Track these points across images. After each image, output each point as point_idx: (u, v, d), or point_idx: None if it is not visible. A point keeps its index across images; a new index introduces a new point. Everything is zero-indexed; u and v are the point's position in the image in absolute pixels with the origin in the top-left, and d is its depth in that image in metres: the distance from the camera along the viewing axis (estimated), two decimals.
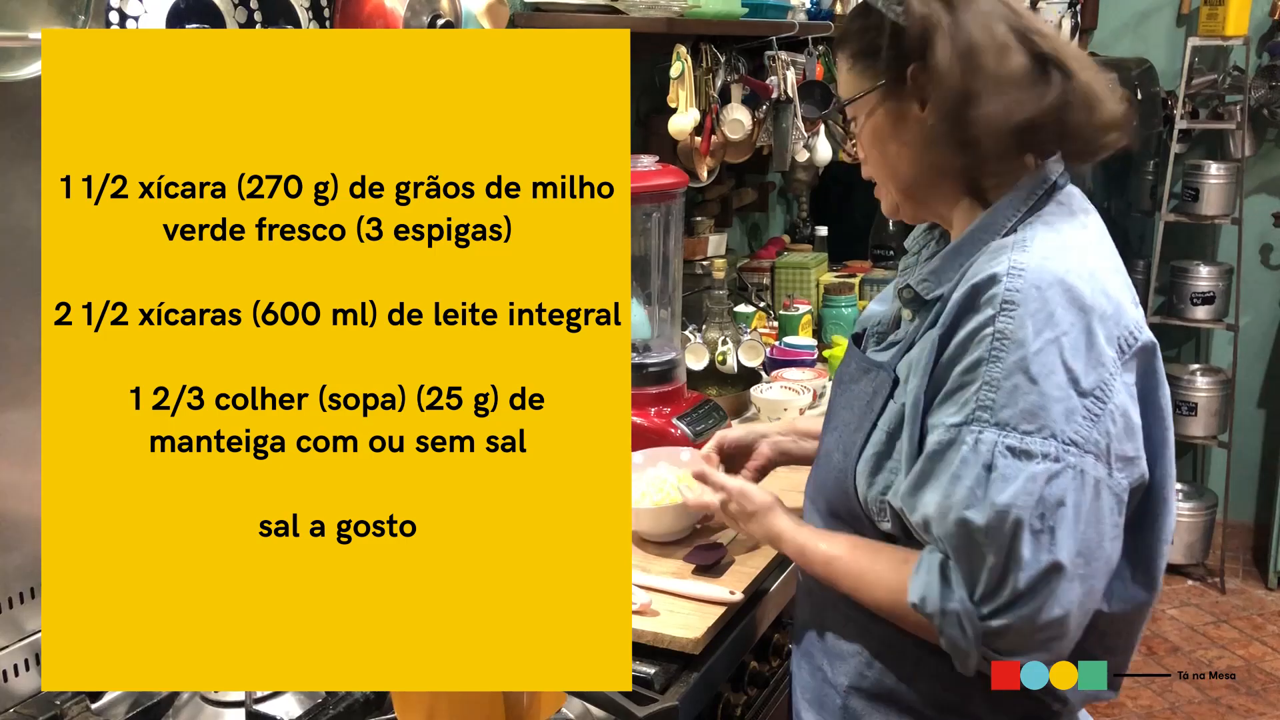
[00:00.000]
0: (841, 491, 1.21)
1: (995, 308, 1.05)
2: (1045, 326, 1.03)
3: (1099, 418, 1.04)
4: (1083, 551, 1.04)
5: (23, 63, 1.24)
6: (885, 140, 1.19)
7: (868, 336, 1.31)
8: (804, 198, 3.40)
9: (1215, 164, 3.75)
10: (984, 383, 1.05)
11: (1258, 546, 3.98)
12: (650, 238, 1.95)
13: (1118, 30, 3.93)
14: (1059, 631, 1.05)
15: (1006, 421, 1.03)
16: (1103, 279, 1.08)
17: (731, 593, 1.44)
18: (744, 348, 2.31)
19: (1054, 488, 1.02)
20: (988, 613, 1.04)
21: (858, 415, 1.21)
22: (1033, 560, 1.02)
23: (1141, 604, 1.16)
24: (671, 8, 2.12)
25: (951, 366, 1.08)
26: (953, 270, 1.15)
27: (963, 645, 1.06)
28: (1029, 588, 1.02)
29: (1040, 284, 1.04)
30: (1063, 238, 1.10)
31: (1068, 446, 1.02)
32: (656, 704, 1.04)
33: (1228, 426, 3.86)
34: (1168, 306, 3.91)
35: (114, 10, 1.31)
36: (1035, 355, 1.03)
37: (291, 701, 1.30)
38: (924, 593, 1.07)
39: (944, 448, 1.07)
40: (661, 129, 2.35)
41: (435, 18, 1.72)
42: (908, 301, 1.21)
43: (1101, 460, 1.04)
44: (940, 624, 1.06)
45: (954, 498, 1.04)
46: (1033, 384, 1.02)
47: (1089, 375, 1.04)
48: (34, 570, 1.31)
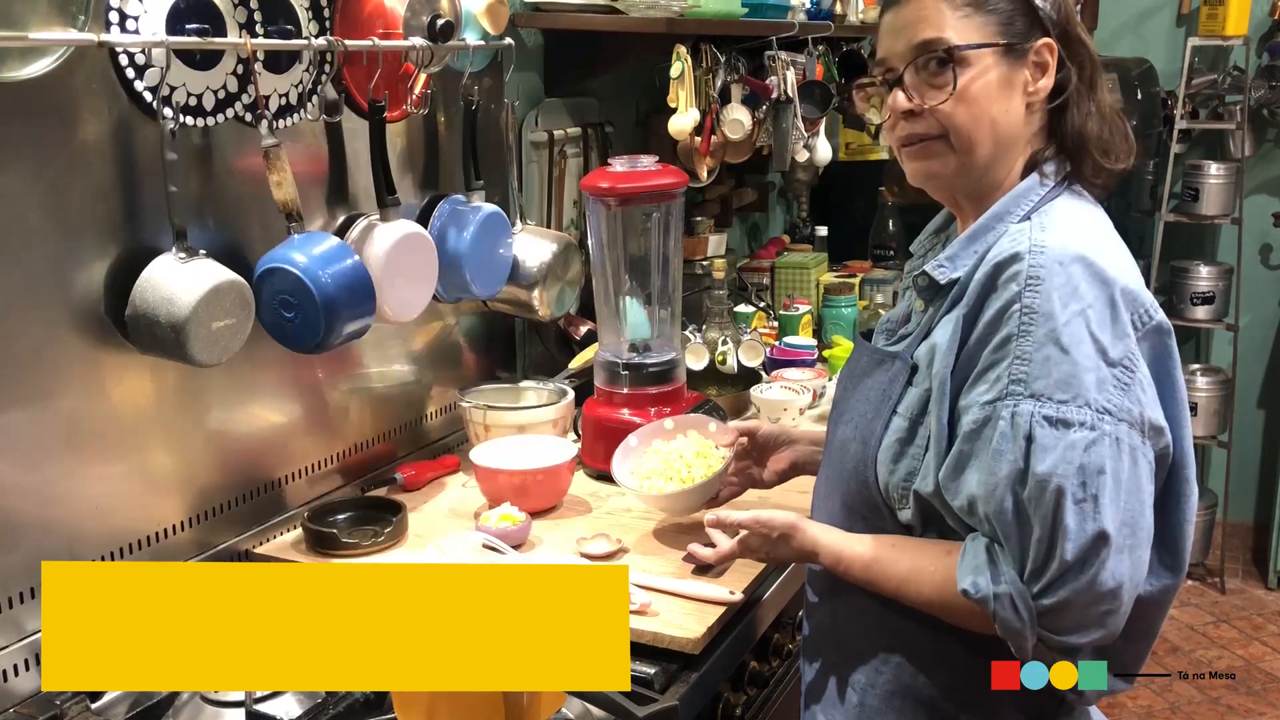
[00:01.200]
0: (860, 483, 1.21)
1: (1020, 284, 1.07)
2: (1071, 299, 1.05)
3: (1129, 386, 1.06)
4: (1127, 521, 1.04)
5: (23, 63, 1.24)
6: (993, 98, 1.14)
7: (878, 333, 1.32)
8: (804, 198, 3.40)
9: (1215, 164, 3.75)
10: (1016, 357, 1.06)
11: (1258, 546, 3.98)
12: (650, 238, 1.95)
13: (1118, 30, 3.93)
14: (1113, 605, 1.05)
15: (1041, 392, 1.04)
16: (1120, 259, 1.11)
17: (731, 593, 1.44)
18: (744, 348, 2.31)
19: (1093, 455, 1.03)
20: (1040, 589, 1.04)
21: (875, 405, 1.21)
22: (1078, 530, 1.02)
23: (1168, 587, 1.16)
24: (671, 8, 2.12)
25: (981, 346, 1.10)
26: (968, 255, 1.16)
27: (1017, 626, 1.06)
28: (1078, 558, 1.02)
29: (1063, 259, 1.06)
30: (1080, 219, 1.13)
31: (1102, 415, 1.04)
32: (656, 704, 1.04)
33: (1228, 426, 3.86)
34: (1168, 306, 3.90)
35: (114, 10, 1.31)
36: (1064, 326, 1.04)
37: (291, 702, 1.30)
38: (973, 577, 1.07)
39: (981, 425, 1.08)
40: (661, 129, 2.35)
41: (435, 17, 1.72)
42: (922, 289, 1.21)
43: (1135, 428, 1.06)
44: (994, 608, 1.06)
45: (999, 474, 1.05)
46: (1064, 354, 1.04)
47: (1116, 346, 1.06)
48: (34, 570, 1.31)
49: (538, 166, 2.27)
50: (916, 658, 1.20)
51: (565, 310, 2.12)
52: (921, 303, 1.22)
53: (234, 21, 1.46)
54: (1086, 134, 1.17)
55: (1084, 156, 1.17)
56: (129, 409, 1.43)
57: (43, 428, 1.32)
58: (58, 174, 1.31)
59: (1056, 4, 1.16)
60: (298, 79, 1.58)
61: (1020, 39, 1.14)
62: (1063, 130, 1.18)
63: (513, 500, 1.66)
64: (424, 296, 1.75)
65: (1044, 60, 1.15)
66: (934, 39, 1.14)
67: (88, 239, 1.35)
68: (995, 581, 1.06)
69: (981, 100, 1.14)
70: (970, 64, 1.13)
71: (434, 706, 1.11)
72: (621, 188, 1.85)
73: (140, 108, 1.37)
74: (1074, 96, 1.17)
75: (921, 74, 1.15)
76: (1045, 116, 1.18)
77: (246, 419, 1.62)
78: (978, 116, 1.15)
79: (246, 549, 1.61)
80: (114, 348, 1.39)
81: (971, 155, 1.16)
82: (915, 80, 1.15)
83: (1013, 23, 1.14)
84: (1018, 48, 1.14)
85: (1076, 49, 1.17)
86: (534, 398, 2.01)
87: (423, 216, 1.86)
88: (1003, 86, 1.14)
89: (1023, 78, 1.15)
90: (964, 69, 1.13)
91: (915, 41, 1.15)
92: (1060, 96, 1.17)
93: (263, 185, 1.49)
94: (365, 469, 1.87)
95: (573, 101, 2.38)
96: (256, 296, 1.46)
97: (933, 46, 1.14)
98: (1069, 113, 1.17)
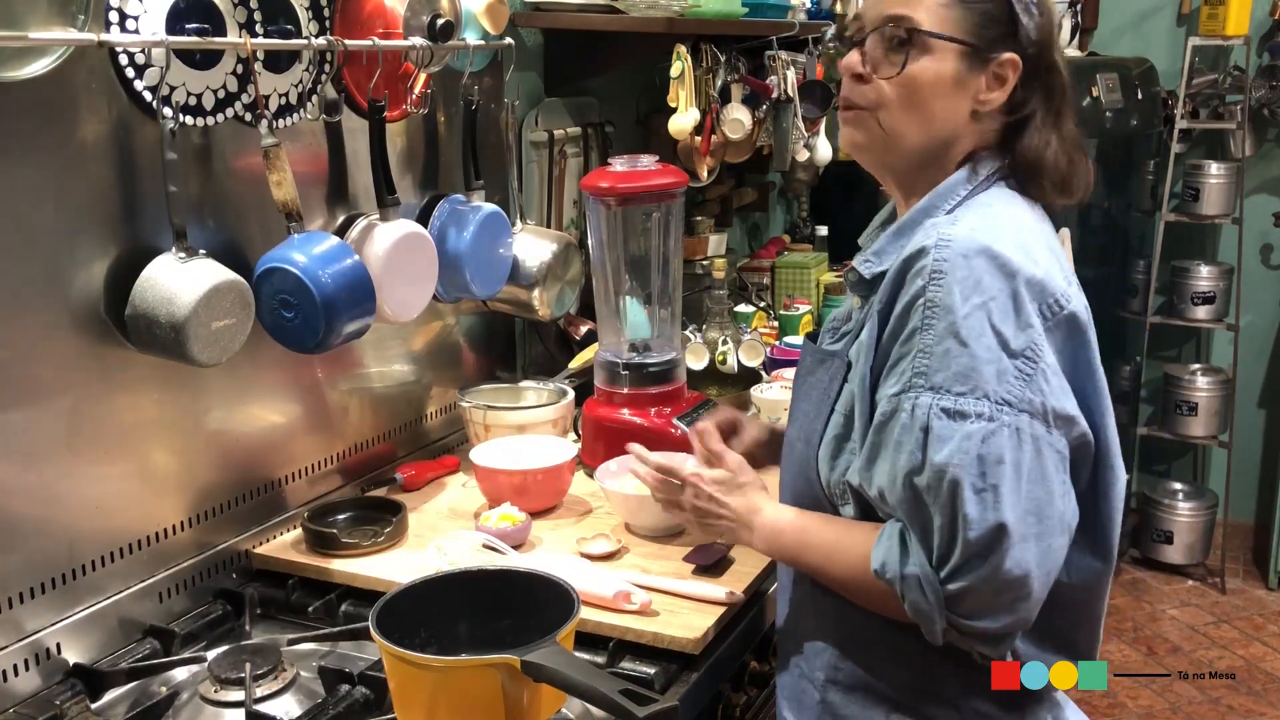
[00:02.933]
0: (806, 480, 1.23)
1: (925, 278, 1.08)
2: (973, 292, 1.06)
3: (1031, 377, 1.06)
4: (1031, 510, 1.05)
5: (23, 63, 1.23)
6: (937, 93, 1.15)
7: (824, 332, 1.33)
8: (804, 198, 3.40)
9: (1215, 164, 3.75)
10: (918, 351, 1.08)
11: (1258, 546, 3.98)
12: (650, 238, 1.95)
13: (1118, 30, 3.93)
14: (1020, 592, 1.06)
15: (940, 385, 1.06)
16: (1032, 251, 1.11)
17: (731, 593, 1.44)
18: (744, 348, 2.31)
19: (991, 446, 1.04)
20: (946, 575, 1.07)
21: (816, 404, 1.23)
22: (979, 518, 1.04)
23: (1099, 573, 1.18)
24: (671, 8, 2.12)
25: (892, 340, 1.12)
26: (894, 249, 1.17)
27: (925, 609, 1.08)
28: (981, 546, 1.04)
29: (966, 252, 1.07)
30: (994, 212, 1.13)
31: (1001, 406, 1.05)
32: (656, 704, 1.04)
33: (1228, 426, 3.86)
34: (1168, 306, 3.91)
35: (114, 10, 1.31)
36: (964, 320, 1.05)
37: (291, 702, 1.30)
38: (884, 558, 1.10)
39: (886, 418, 1.10)
40: (661, 129, 2.35)
41: (435, 17, 1.72)
42: (853, 285, 1.23)
43: (1038, 418, 1.06)
44: (901, 589, 1.09)
45: (899, 464, 1.08)
46: (963, 347, 1.05)
47: (1018, 337, 1.06)
48: (34, 570, 1.31)
49: (538, 166, 2.27)
50: (873, 653, 1.21)
51: (565, 310, 2.12)
52: (859, 300, 1.24)
53: (234, 21, 1.46)
54: (1043, 161, 1.17)
55: (1034, 181, 1.18)
56: (129, 409, 1.43)
57: (43, 428, 1.32)
58: (58, 174, 1.31)
59: (1041, 25, 1.16)
60: (298, 79, 1.58)
61: (988, 46, 1.14)
62: (1017, 149, 1.17)
63: (513, 500, 1.66)
64: (424, 296, 1.75)
65: (1004, 74, 1.15)
66: (903, 15, 1.14)
67: (87, 239, 1.35)
68: (903, 564, 1.09)
69: (925, 90, 1.14)
70: (929, 51, 1.13)
71: (434, 706, 1.11)
72: (621, 187, 1.85)
73: (140, 107, 1.37)
74: (1033, 119, 1.16)
75: (881, 43, 1.15)
76: (999, 131, 1.18)
77: (246, 419, 1.62)
78: (915, 105, 1.15)
79: (246, 549, 1.61)
80: (114, 348, 1.39)
81: (897, 138, 1.17)
82: (875, 47, 1.16)
83: (988, 27, 1.14)
84: (981, 54, 1.14)
85: (1048, 75, 1.17)
86: (534, 398, 2.01)
87: (423, 216, 1.86)
88: (954, 84, 1.14)
89: (977, 84, 1.15)
90: (922, 55, 1.13)
91: (886, 12, 1.15)
92: (1018, 115, 1.16)
93: (263, 185, 1.49)
94: (365, 469, 1.87)
95: (573, 101, 2.38)
96: (256, 296, 1.46)
97: (900, 22, 1.14)
98: (1026, 134, 1.17)
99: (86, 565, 1.38)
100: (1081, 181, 1.20)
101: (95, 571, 1.39)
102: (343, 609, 1.51)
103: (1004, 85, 1.15)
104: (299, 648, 1.41)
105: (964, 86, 1.15)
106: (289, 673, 1.35)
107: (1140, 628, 3.56)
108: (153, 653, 1.41)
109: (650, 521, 1.62)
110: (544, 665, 1.06)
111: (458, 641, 1.22)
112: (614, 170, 1.88)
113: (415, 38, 1.71)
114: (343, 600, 1.52)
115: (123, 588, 1.42)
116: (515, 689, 1.08)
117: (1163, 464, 4.17)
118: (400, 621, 1.15)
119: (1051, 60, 1.17)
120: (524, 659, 1.06)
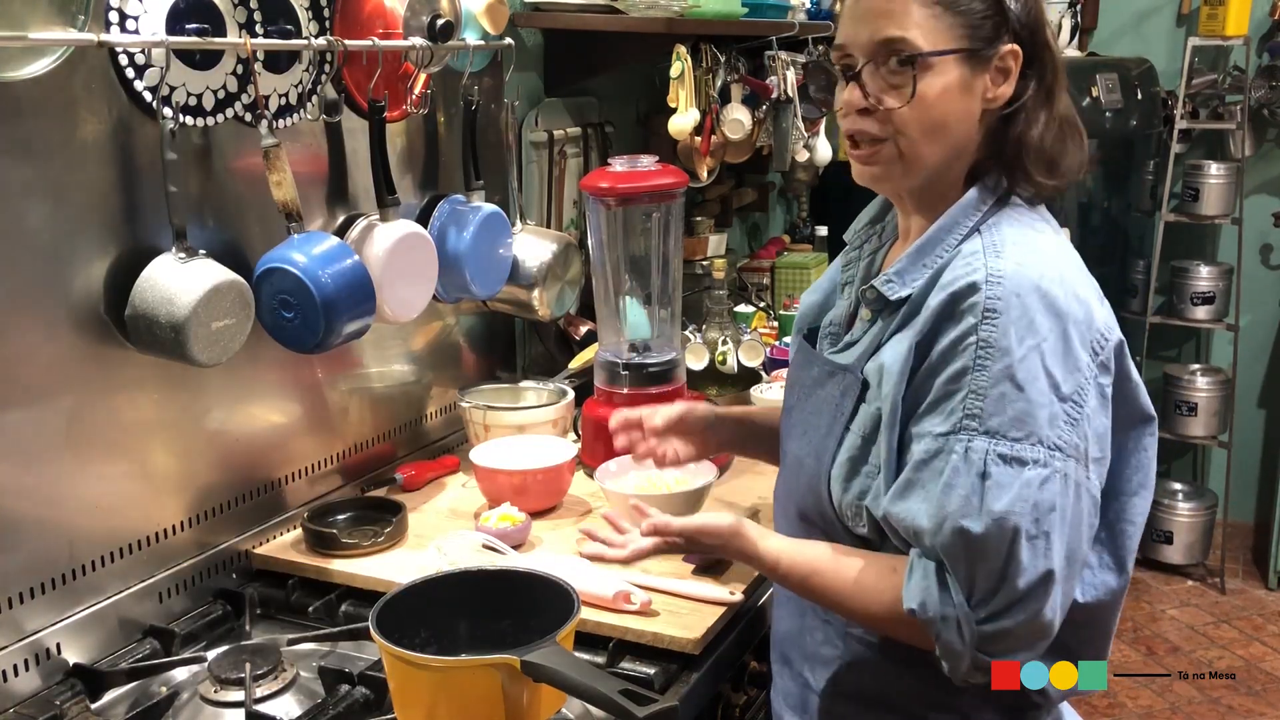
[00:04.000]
0: (815, 497, 1.20)
1: (977, 316, 1.05)
2: (1027, 334, 1.04)
3: (1078, 422, 1.05)
4: (1069, 556, 1.05)
5: (23, 63, 1.23)
6: (949, 106, 1.11)
7: (821, 336, 1.29)
8: (804, 198, 3.39)
9: (1215, 164, 3.75)
10: (970, 391, 1.05)
11: (1258, 546, 3.98)
12: (650, 238, 1.95)
13: (1118, 30, 3.93)
14: (1048, 633, 1.07)
15: (996, 429, 1.03)
16: (1072, 282, 1.09)
17: (731, 593, 1.44)
18: (744, 348, 2.31)
19: (1046, 493, 1.03)
20: (985, 616, 1.04)
21: (828, 420, 1.19)
22: (1030, 566, 1.02)
23: (1115, 590, 1.17)
24: (671, 8, 2.12)
25: (933, 375, 1.08)
26: (916, 270, 1.14)
27: (958, 649, 1.06)
28: (1027, 592, 1.03)
29: (1020, 291, 1.05)
30: (1031, 241, 1.11)
31: (1053, 451, 1.03)
32: (656, 704, 1.04)
33: (1228, 426, 3.85)
34: (1168, 306, 3.91)
35: (114, 10, 1.31)
36: (1020, 362, 1.03)
37: (291, 702, 1.30)
38: (922, 598, 1.06)
39: (931, 456, 1.06)
40: (661, 129, 2.35)
41: (435, 17, 1.72)
42: (870, 302, 1.19)
43: (1081, 463, 1.06)
44: (939, 630, 1.06)
45: (949, 507, 1.04)
46: (1019, 391, 1.03)
47: (1068, 381, 1.05)
48: (34, 570, 1.31)
49: (538, 166, 2.27)
50: (881, 661, 1.20)
51: (565, 310, 2.12)
52: (869, 312, 1.20)
53: (234, 21, 1.46)
54: (1028, 143, 1.13)
55: (1020, 167, 1.14)
56: (129, 409, 1.43)
57: (43, 428, 1.32)
58: (58, 174, 1.31)
59: (1028, 6, 1.13)
60: (298, 79, 1.58)
61: (986, 44, 1.11)
62: (1005, 137, 1.14)
63: (513, 500, 1.66)
64: (424, 296, 1.75)
65: (1007, 66, 1.12)
66: (899, 39, 1.09)
67: (88, 239, 1.35)
68: (944, 604, 1.05)
69: (939, 106, 1.10)
70: (933, 69, 1.09)
71: (434, 706, 1.11)
72: (621, 188, 1.85)
73: (140, 108, 1.37)
74: (1029, 104, 1.13)
75: (881, 71, 1.11)
76: (997, 122, 1.14)
77: (246, 419, 1.62)
78: (933, 122, 1.11)
79: (246, 549, 1.61)
80: (114, 348, 1.39)
81: (919, 161, 1.13)
82: (873, 77, 1.11)
83: (981, 26, 1.10)
84: (983, 53, 1.11)
85: (1042, 54, 1.14)
86: (534, 398, 2.01)
87: (423, 216, 1.86)
88: (962, 92, 1.11)
89: (983, 84, 1.11)
90: (925, 74, 1.09)
91: (879, 38, 1.10)
92: (1016, 103, 1.13)
93: (262, 185, 1.49)
94: (365, 469, 1.87)
95: (573, 101, 2.38)
96: (256, 296, 1.46)
97: (897, 47, 1.09)
98: (1016, 120, 1.13)
99: (86, 565, 1.38)
100: (1074, 162, 1.16)
101: (95, 571, 1.39)
102: (343, 609, 1.51)
103: (1009, 77, 1.12)
104: (299, 648, 1.41)
105: (971, 91, 1.11)
106: (289, 673, 1.35)
107: (1140, 628, 3.56)
108: (153, 653, 1.41)
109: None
110: (544, 665, 1.06)
111: (458, 641, 1.22)
112: (614, 170, 1.88)
113: (415, 38, 1.71)
114: (343, 600, 1.52)
115: (123, 588, 1.42)
116: (515, 689, 1.08)
117: (1162, 464, 4.15)
118: (400, 621, 1.15)
119: (1045, 39, 1.15)
120: (524, 659, 1.06)
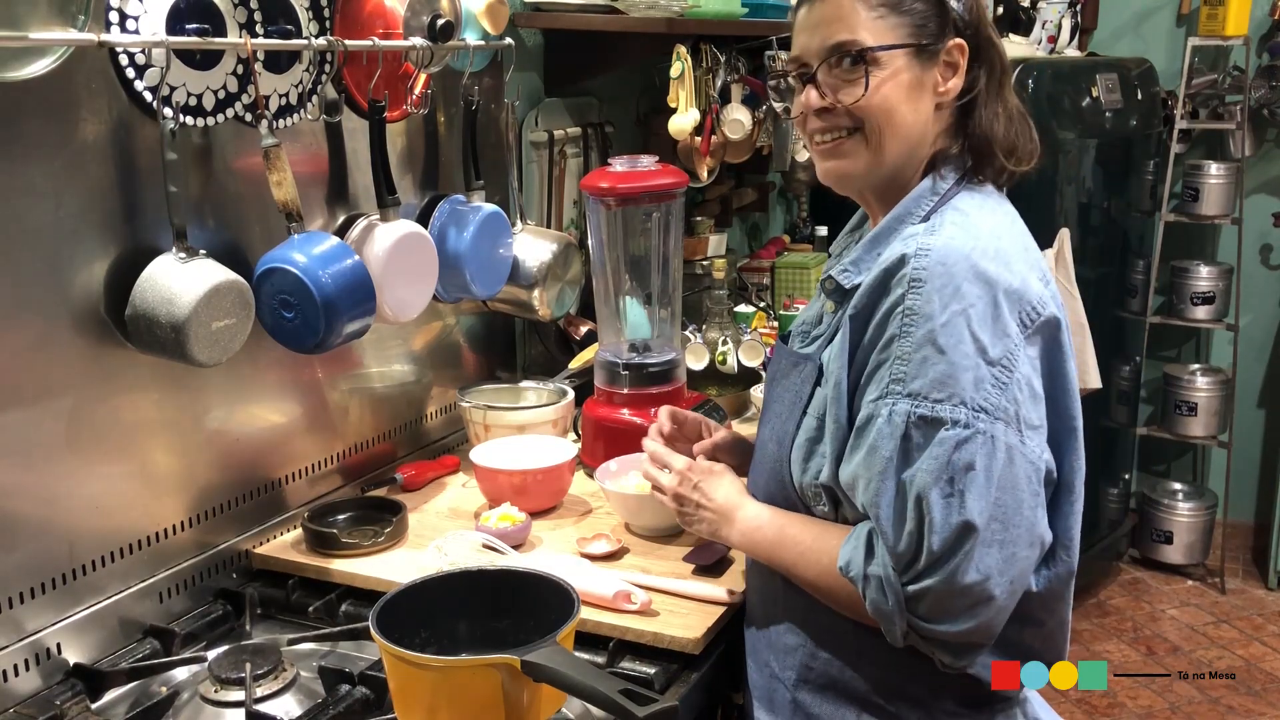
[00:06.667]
0: (778, 481, 1.25)
1: (904, 286, 1.10)
2: (952, 300, 1.07)
3: (1007, 386, 1.07)
4: (998, 516, 1.06)
5: (23, 63, 1.23)
6: (903, 100, 1.17)
7: (793, 335, 1.34)
8: (804, 198, 3.39)
9: (1215, 164, 3.75)
10: (896, 357, 1.10)
11: (1258, 546, 3.98)
12: (650, 238, 1.95)
13: (1118, 30, 3.93)
14: (979, 597, 1.07)
15: (917, 391, 1.08)
16: (1008, 256, 1.12)
17: (731, 593, 1.44)
18: (744, 348, 2.31)
19: (963, 453, 1.05)
20: (907, 577, 1.08)
21: (789, 406, 1.25)
22: (943, 523, 1.05)
23: (1064, 576, 1.18)
24: (671, 8, 2.12)
25: (870, 349, 1.13)
26: (870, 259, 1.19)
27: (886, 610, 1.10)
28: (943, 550, 1.06)
29: (946, 261, 1.09)
30: (971, 220, 1.15)
31: (977, 413, 1.06)
32: (656, 704, 1.04)
33: (1228, 426, 3.85)
34: (1168, 306, 3.91)
35: (114, 10, 1.31)
36: (943, 327, 1.07)
37: (291, 702, 1.30)
38: (850, 557, 1.12)
39: (865, 424, 1.12)
40: (661, 129, 2.35)
41: (435, 17, 1.72)
42: (830, 292, 1.25)
43: (1012, 426, 1.08)
44: (863, 588, 1.11)
45: (874, 469, 1.09)
46: (941, 354, 1.07)
47: (996, 345, 1.07)
48: (34, 570, 1.31)
49: (538, 166, 2.27)
50: (842, 652, 1.22)
51: (565, 310, 2.12)
52: (832, 304, 1.25)
53: (234, 21, 1.46)
54: (993, 134, 1.19)
55: (989, 156, 1.20)
56: (129, 409, 1.43)
57: (43, 428, 1.32)
58: (57, 174, 1.31)
59: (969, 5, 1.19)
60: (298, 79, 1.58)
61: (932, 40, 1.17)
62: (969, 130, 1.20)
63: (513, 500, 1.66)
64: (424, 296, 1.75)
65: (955, 60, 1.18)
66: (848, 40, 1.16)
67: (88, 239, 1.35)
68: (867, 564, 1.11)
69: (892, 97, 1.16)
70: (883, 65, 1.15)
71: (434, 706, 1.11)
72: (621, 188, 1.85)
73: (140, 108, 1.37)
74: (981, 97, 1.19)
75: (835, 71, 1.17)
76: (951, 116, 1.21)
77: (246, 419, 1.62)
78: (889, 113, 1.17)
79: (246, 549, 1.61)
80: (114, 348, 1.39)
81: (882, 152, 1.18)
82: (829, 78, 1.18)
83: (926, 24, 1.17)
84: (930, 48, 1.17)
85: (987, 50, 1.20)
86: (534, 398, 2.01)
87: (423, 216, 1.86)
88: (913, 87, 1.17)
89: (933, 78, 1.18)
90: (877, 69, 1.15)
91: (830, 42, 1.16)
92: (968, 96, 1.19)
93: (263, 185, 1.50)
94: (365, 469, 1.87)
95: (573, 101, 2.38)
96: (256, 296, 1.46)
97: (847, 48, 1.16)
98: (975, 113, 1.20)
99: (86, 565, 1.38)
100: (1028, 147, 1.22)
101: (95, 571, 1.39)
102: (343, 609, 1.51)
103: (958, 70, 1.18)
104: (299, 648, 1.41)
105: (922, 85, 1.17)
106: (289, 673, 1.35)
107: (1140, 628, 3.56)
108: (153, 653, 1.41)
109: (650, 521, 1.62)
110: (544, 665, 1.06)
111: (457, 641, 1.22)
112: (614, 170, 1.88)
113: (415, 38, 1.71)
114: (343, 600, 1.52)
115: (123, 588, 1.43)
116: (515, 689, 1.08)
117: (1162, 464, 4.17)
118: (400, 621, 1.15)
119: (987, 35, 1.20)
120: (524, 659, 1.06)
